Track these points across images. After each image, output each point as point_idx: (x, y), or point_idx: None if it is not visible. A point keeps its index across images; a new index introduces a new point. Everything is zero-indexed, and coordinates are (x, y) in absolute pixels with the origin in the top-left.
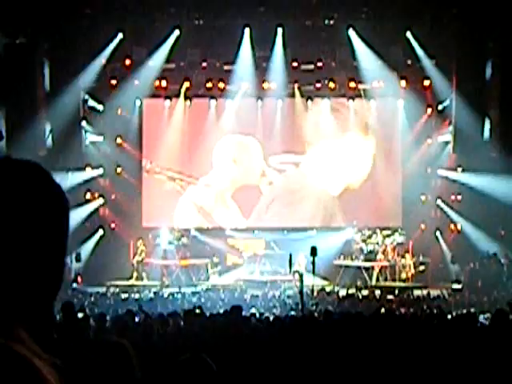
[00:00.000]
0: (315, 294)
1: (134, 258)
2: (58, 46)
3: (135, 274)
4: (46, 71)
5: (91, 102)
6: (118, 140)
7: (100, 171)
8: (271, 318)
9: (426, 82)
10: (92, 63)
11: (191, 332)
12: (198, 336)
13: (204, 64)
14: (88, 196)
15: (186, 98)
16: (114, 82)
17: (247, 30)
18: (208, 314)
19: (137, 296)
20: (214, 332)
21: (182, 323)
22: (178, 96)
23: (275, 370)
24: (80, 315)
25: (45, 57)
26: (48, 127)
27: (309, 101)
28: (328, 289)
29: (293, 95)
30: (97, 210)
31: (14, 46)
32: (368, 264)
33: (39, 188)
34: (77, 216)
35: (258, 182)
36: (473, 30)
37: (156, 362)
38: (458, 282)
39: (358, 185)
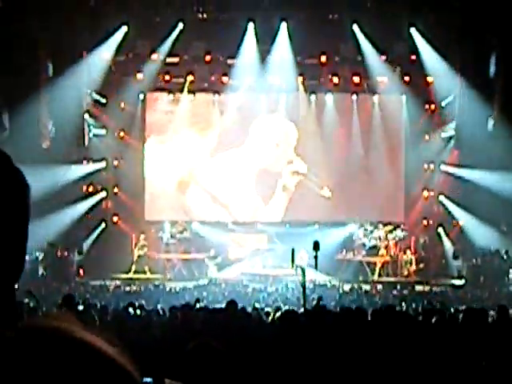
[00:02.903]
0: (317, 288)
1: (133, 252)
2: (61, 39)
3: (134, 268)
4: (50, 64)
5: (94, 95)
6: (121, 133)
7: (103, 164)
8: (273, 313)
9: (430, 78)
10: (96, 56)
11: (190, 326)
12: (197, 330)
13: (208, 58)
14: (91, 189)
15: (189, 91)
16: (117, 75)
17: (251, 24)
18: (209, 309)
19: (139, 289)
20: (214, 327)
21: (180, 317)
22: (181, 90)
23: (276, 365)
24: (81, 308)
25: (48, 50)
26: (51, 120)
27: (312, 95)
28: (330, 284)
29: (296, 89)
30: (99, 203)
31: (18, 40)
32: (370, 259)
33: None
34: (79, 209)
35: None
36: (477, 26)
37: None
38: (460, 277)
39: (356, 180)
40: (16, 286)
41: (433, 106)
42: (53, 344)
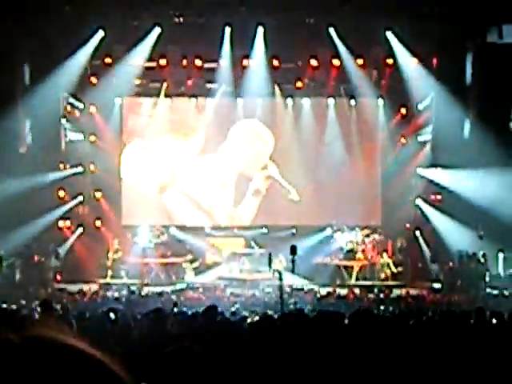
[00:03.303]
0: (295, 292)
1: (109, 256)
2: (37, 43)
3: (110, 273)
4: (26, 68)
5: (71, 100)
6: (98, 138)
7: (80, 169)
8: (250, 317)
9: (406, 82)
10: (72, 60)
11: (167, 330)
12: (174, 335)
13: (184, 62)
14: (67, 194)
15: (166, 96)
16: (94, 79)
17: (228, 29)
18: (187, 313)
19: (116, 294)
20: (191, 331)
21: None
22: (158, 94)
23: (253, 370)
24: (59, 313)
25: (24, 53)
26: (27, 125)
27: (289, 99)
28: (307, 287)
29: (273, 94)
30: (76, 207)
31: None
32: (347, 263)
33: None
34: (56, 214)
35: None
36: (453, 30)
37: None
38: (438, 281)
39: (333, 184)
40: None
41: (409, 110)
42: (53, 351)
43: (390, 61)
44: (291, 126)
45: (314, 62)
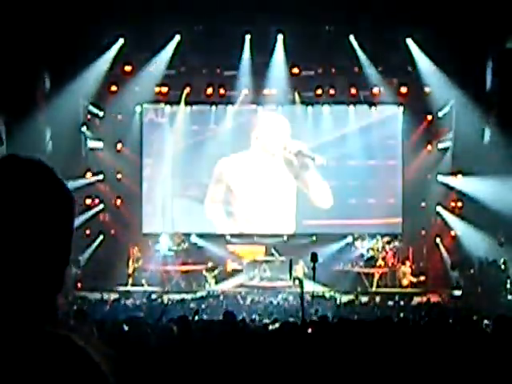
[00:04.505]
0: (316, 300)
1: (129, 264)
2: (57, 51)
3: (131, 281)
4: (47, 76)
5: (91, 108)
6: (118, 146)
7: (100, 177)
8: (271, 325)
9: (427, 89)
10: (92, 69)
11: (187, 338)
12: (194, 342)
13: (204, 70)
14: (88, 202)
15: (186, 103)
16: (114, 87)
17: (248, 36)
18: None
19: (137, 302)
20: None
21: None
22: (178, 102)
23: (274, 377)
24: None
25: (45, 62)
26: (48, 133)
27: (309, 107)
28: (328, 295)
29: (293, 101)
30: (97, 215)
31: (13, 52)
32: (368, 270)
33: (44, 186)
34: (77, 222)
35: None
36: (473, 37)
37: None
38: (458, 288)
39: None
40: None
41: (430, 117)
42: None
43: (410, 68)
44: (311, 134)
45: (333, 70)
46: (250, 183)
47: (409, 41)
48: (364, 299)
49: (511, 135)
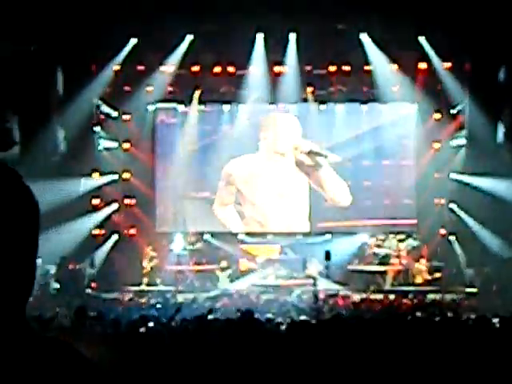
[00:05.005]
0: (329, 298)
1: (144, 264)
2: (70, 52)
3: (145, 280)
4: (59, 77)
5: (105, 108)
6: (132, 146)
7: (114, 177)
8: (286, 323)
9: (440, 87)
10: (105, 69)
11: (203, 337)
12: (211, 341)
13: (217, 69)
14: (102, 202)
15: (199, 103)
16: (127, 87)
17: (260, 35)
18: (222, 320)
19: (151, 301)
20: (228, 337)
21: (193, 329)
22: (190, 101)
23: (290, 375)
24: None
25: (58, 62)
26: (61, 133)
27: (322, 105)
28: (342, 293)
29: (306, 100)
30: (111, 215)
31: (26, 53)
32: (382, 268)
33: (7, 191)
34: (91, 222)
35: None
36: (486, 34)
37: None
38: (473, 286)
39: (367, 189)
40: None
41: (443, 115)
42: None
43: (423, 66)
44: (324, 133)
45: (346, 68)
46: (260, 184)
47: (421, 38)
48: (378, 297)
49: None
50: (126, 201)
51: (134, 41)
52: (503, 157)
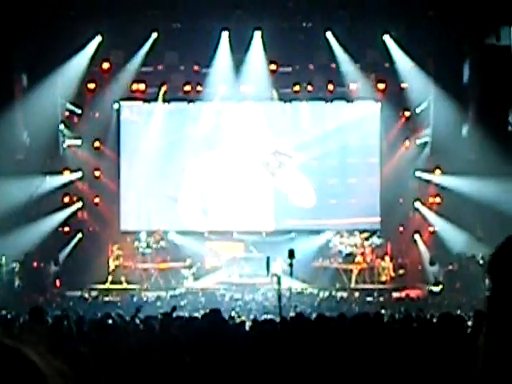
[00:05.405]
0: (294, 296)
1: (109, 262)
2: (34, 49)
3: (110, 278)
4: (23, 74)
5: (69, 106)
6: (96, 143)
7: (78, 175)
8: (249, 322)
9: (404, 85)
10: (70, 66)
11: (168, 335)
12: (176, 339)
13: (182, 67)
14: (66, 199)
15: (164, 101)
16: (92, 85)
17: (225, 33)
18: (186, 317)
19: (116, 299)
20: (192, 335)
21: (158, 326)
22: (156, 99)
23: (255, 375)
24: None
25: (21, 59)
26: (26, 131)
27: (287, 104)
28: (307, 291)
29: (271, 98)
30: (75, 213)
31: None
32: (347, 266)
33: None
34: (55, 220)
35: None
36: (450, 32)
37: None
38: (437, 283)
39: (332, 187)
40: None
41: (407, 113)
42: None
43: (387, 64)
44: (290, 131)
45: (311, 66)
46: (224, 182)
47: (386, 37)
48: (343, 295)
49: (489, 129)
50: (91, 199)
51: (99, 38)
52: (467, 154)
